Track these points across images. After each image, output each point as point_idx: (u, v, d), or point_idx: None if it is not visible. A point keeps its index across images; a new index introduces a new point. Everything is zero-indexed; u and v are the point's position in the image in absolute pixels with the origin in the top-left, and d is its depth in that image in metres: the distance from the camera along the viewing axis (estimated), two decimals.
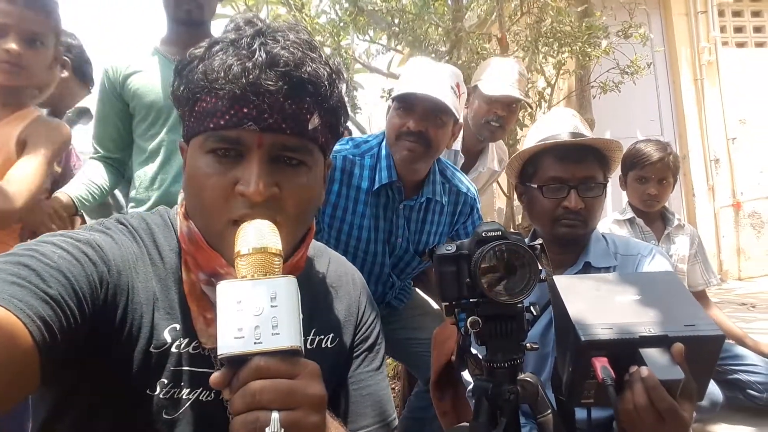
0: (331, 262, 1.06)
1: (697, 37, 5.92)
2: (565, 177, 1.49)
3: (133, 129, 2.03)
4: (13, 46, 1.49)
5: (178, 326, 0.81)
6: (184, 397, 0.81)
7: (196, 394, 0.82)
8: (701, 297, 2.58)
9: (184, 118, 0.82)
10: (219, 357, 0.62)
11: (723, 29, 6.11)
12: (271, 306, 0.63)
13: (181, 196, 0.87)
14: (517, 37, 3.51)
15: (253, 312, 0.63)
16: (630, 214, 2.58)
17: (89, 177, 1.95)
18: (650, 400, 0.87)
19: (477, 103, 2.52)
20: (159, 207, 0.95)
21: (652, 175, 2.51)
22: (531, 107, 2.82)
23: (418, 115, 1.74)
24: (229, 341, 0.62)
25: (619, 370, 0.92)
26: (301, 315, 0.66)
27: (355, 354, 1.01)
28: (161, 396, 0.79)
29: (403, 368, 2.75)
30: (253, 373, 0.61)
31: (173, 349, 0.81)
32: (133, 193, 2.01)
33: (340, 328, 0.99)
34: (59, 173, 1.91)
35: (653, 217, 2.60)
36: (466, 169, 2.65)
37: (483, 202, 3.49)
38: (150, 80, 1.96)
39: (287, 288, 0.65)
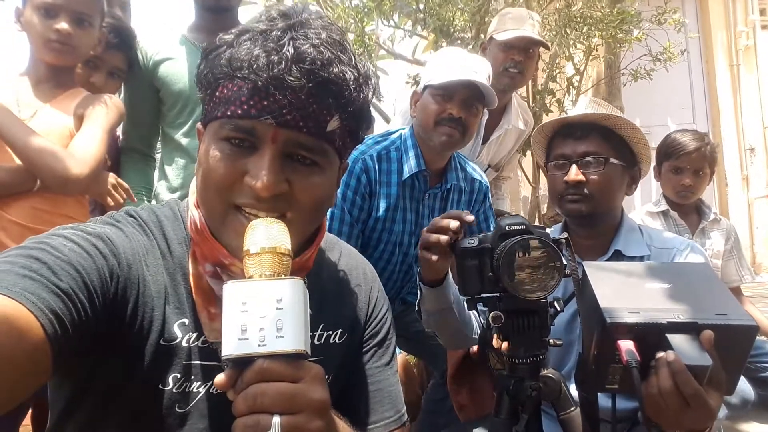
0: (343, 255, 1.05)
1: (734, 20, 5.71)
2: (568, 153, 1.50)
3: (162, 116, 2.05)
4: (64, 25, 1.55)
5: (186, 320, 0.81)
6: (194, 390, 0.81)
7: (206, 388, 0.81)
8: (735, 293, 2.50)
9: (204, 102, 0.81)
10: (223, 358, 0.62)
11: (762, 12, 5.87)
12: (277, 308, 0.62)
13: (193, 184, 0.86)
14: (546, 22, 3.43)
15: (258, 314, 0.62)
16: (664, 206, 2.51)
17: (142, 183, 2.02)
18: (675, 384, 0.86)
19: (494, 53, 2.50)
20: (170, 199, 0.95)
21: (688, 166, 2.42)
22: (548, 48, 2.74)
23: (458, 103, 1.79)
24: (233, 342, 0.61)
25: (646, 356, 0.90)
26: (308, 317, 0.65)
27: (364, 349, 1.00)
28: (174, 390, 0.79)
29: (418, 360, 2.75)
30: (255, 376, 0.61)
31: (183, 344, 0.80)
32: (163, 182, 2.04)
33: (349, 323, 0.98)
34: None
35: (688, 210, 2.52)
36: (492, 126, 2.61)
37: (508, 189, 3.44)
38: (179, 68, 1.97)
39: (294, 290, 0.64)
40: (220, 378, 0.63)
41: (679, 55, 3.36)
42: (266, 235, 0.68)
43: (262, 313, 0.62)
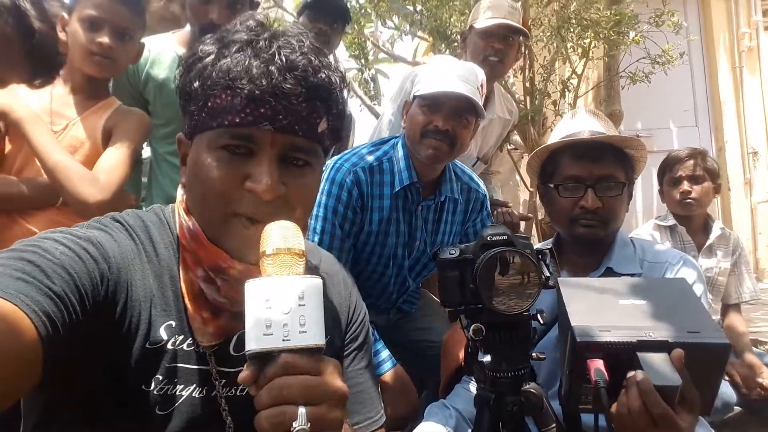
0: (322, 261, 1.07)
1: (736, 21, 5.65)
2: (582, 176, 1.44)
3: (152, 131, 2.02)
4: (106, 39, 1.61)
5: (173, 323, 0.82)
6: (177, 393, 0.82)
7: (189, 391, 0.83)
8: (733, 311, 2.50)
9: (193, 114, 0.83)
10: (247, 353, 0.64)
11: (766, 13, 5.80)
12: (299, 305, 0.65)
13: (180, 192, 0.88)
14: (541, 23, 3.40)
15: (282, 310, 0.64)
16: (672, 221, 2.51)
17: (131, 191, 1.99)
18: (644, 404, 0.85)
19: (474, 42, 2.48)
20: (154, 205, 0.95)
21: (683, 173, 2.47)
22: (528, 37, 2.72)
23: (445, 114, 1.72)
24: (258, 338, 0.64)
25: (618, 374, 0.90)
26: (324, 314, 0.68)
27: (345, 353, 1.02)
28: (155, 392, 0.80)
29: None
30: (281, 369, 0.63)
31: (169, 346, 0.82)
32: (158, 191, 2.02)
33: (330, 327, 0.98)
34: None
35: (696, 227, 2.51)
36: None
37: (506, 194, 3.42)
38: (172, 86, 1.94)
39: (315, 288, 0.67)
40: (244, 374, 0.65)
41: (678, 58, 3.32)
42: (282, 237, 0.71)
43: (286, 309, 0.64)
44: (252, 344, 0.64)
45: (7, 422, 0.83)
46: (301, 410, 0.61)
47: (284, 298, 0.65)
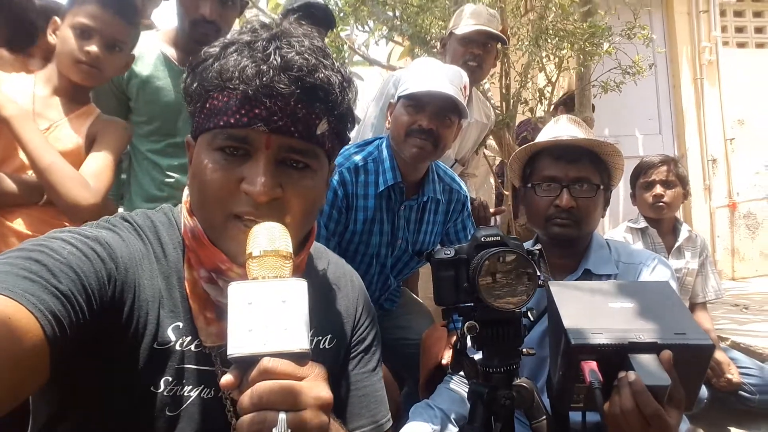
0: (330, 264, 1.07)
1: (698, 36, 5.90)
2: (558, 176, 1.51)
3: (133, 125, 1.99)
4: (94, 48, 1.59)
5: (181, 324, 0.82)
6: (186, 394, 0.82)
7: (197, 392, 0.83)
8: (701, 308, 2.62)
9: (194, 115, 0.84)
10: (229, 357, 0.63)
11: (724, 29, 6.08)
12: (282, 308, 0.64)
13: (185, 193, 0.89)
14: (518, 33, 3.48)
15: (264, 313, 0.63)
16: (643, 224, 2.61)
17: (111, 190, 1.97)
18: (636, 404, 0.89)
19: (453, 47, 2.56)
20: (164, 205, 0.95)
21: (656, 177, 2.58)
22: (506, 43, 2.81)
23: (429, 114, 1.75)
24: (239, 342, 0.63)
25: (609, 376, 0.93)
26: (309, 317, 0.67)
27: (351, 355, 1.02)
28: (165, 393, 0.80)
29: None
30: (261, 374, 0.62)
31: (177, 347, 0.81)
32: (138, 190, 1.99)
33: (337, 329, 1.00)
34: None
35: (666, 230, 2.63)
36: None
37: (482, 197, 3.48)
38: (159, 86, 1.93)
39: (298, 290, 0.66)
40: (226, 378, 0.64)
41: (647, 69, 3.44)
42: (268, 239, 0.70)
43: (268, 312, 0.63)
44: (233, 348, 0.63)
45: (17, 422, 0.82)
46: (281, 416, 0.60)
47: (266, 301, 0.64)
